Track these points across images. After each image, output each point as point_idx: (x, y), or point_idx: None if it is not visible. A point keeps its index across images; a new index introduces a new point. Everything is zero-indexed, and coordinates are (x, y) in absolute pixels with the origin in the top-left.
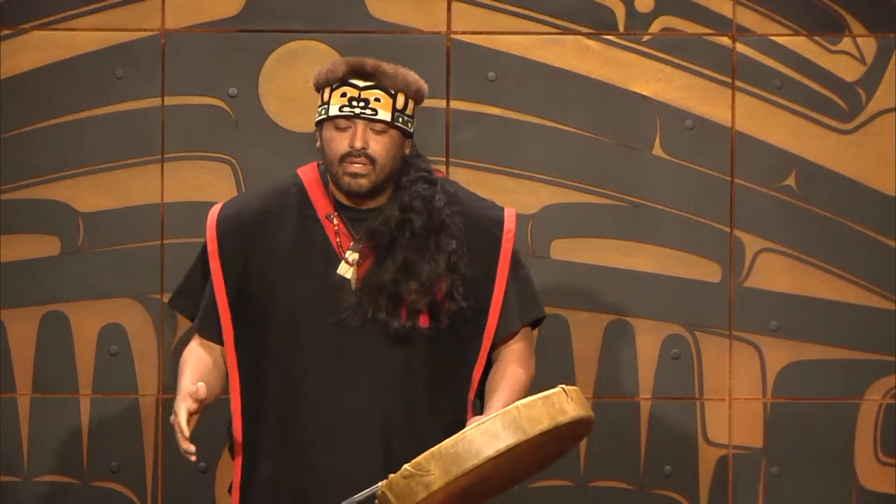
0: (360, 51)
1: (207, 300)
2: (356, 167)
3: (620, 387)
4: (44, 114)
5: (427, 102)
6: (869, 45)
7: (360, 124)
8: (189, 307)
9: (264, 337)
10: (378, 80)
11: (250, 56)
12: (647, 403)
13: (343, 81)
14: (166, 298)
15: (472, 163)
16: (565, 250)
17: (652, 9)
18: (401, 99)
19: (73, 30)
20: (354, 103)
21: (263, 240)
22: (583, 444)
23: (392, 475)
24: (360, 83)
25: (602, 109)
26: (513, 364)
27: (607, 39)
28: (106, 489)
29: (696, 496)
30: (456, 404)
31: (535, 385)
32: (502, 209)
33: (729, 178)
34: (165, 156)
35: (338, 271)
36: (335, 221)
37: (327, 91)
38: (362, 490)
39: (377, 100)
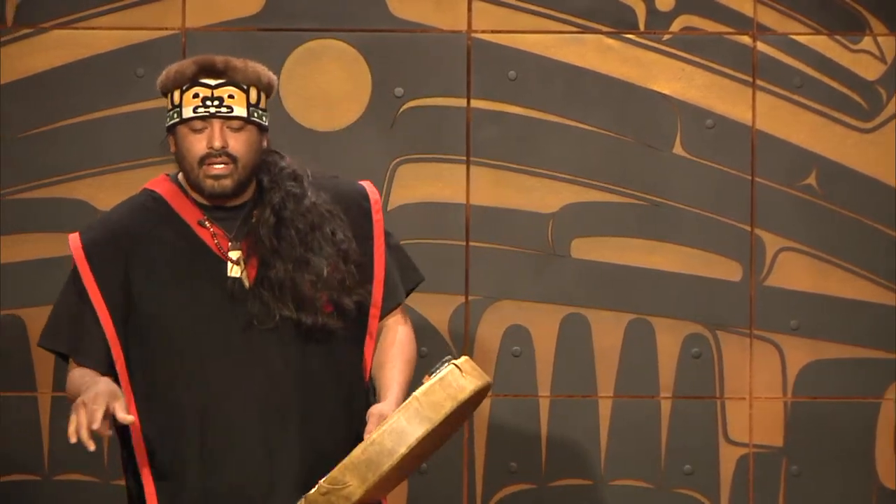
0: (380, 50)
1: (86, 329)
2: (218, 168)
3: (641, 386)
4: (64, 113)
5: (448, 101)
6: (889, 44)
7: (217, 123)
8: (65, 344)
9: (164, 356)
10: (230, 76)
11: (270, 55)
12: (668, 402)
13: (194, 81)
14: None
15: (493, 162)
16: (586, 249)
17: (672, 8)
18: (254, 93)
19: (93, 29)
20: (209, 103)
21: (141, 258)
22: (604, 443)
23: (309, 493)
24: (212, 81)
25: (622, 108)
26: (396, 334)
27: (628, 38)
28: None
29: (717, 495)
30: (361, 387)
31: (554, 378)
32: (359, 182)
33: (749, 177)
34: None
35: (229, 274)
36: (208, 225)
37: (177, 93)
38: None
39: (231, 97)
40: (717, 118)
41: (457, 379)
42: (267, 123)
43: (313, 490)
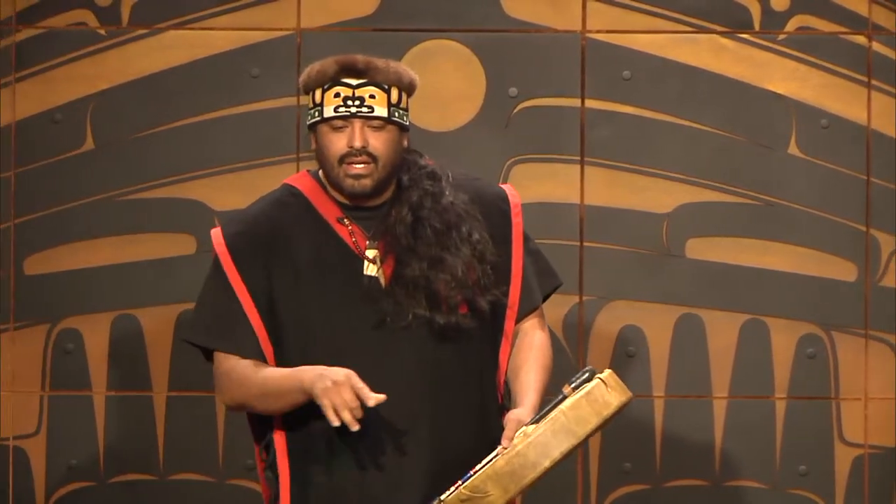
0: (494, 50)
1: (238, 322)
2: (358, 168)
3: (755, 386)
4: (179, 113)
5: (562, 101)
6: None
7: (358, 123)
8: (218, 339)
9: (299, 352)
10: (371, 76)
11: (385, 55)
12: (783, 403)
13: (335, 81)
14: None
15: (607, 161)
16: (700, 249)
17: (787, 7)
18: (395, 93)
19: (208, 29)
20: (349, 102)
21: (282, 255)
22: (718, 444)
23: (447, 497)
24: (353, 81)
25: (736, 108)
26: (533, 339)
27: (742, 38)
28: (242, 487)
29: (832, 496)
30: (494, 389)
31: (669, 379)
32: (500, 185)
33: (864, 177)
34: (301, 155)
35: (365, 272)
36: (347, 223)
37: (318, 92)
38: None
39: (372, 97)
40: (832, 118)
41: (603, 395)
42: (408, 123)
43: (451, 494)
